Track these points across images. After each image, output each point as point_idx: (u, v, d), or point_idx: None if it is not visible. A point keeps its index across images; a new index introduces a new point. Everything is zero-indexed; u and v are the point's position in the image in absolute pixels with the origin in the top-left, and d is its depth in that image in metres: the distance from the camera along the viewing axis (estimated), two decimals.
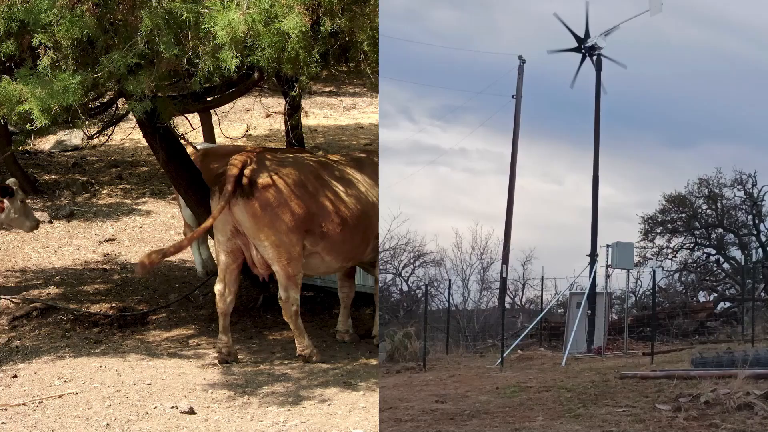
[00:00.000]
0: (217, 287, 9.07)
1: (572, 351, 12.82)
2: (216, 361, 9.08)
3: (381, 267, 16.24)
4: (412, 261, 17.92)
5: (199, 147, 12.46)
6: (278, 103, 12.96)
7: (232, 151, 11.44)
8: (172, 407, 7.86)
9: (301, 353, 9.11)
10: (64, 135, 18.25)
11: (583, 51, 14.62)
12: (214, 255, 10.26)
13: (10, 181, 11.48)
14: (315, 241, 8.99)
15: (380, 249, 16.17)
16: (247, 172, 8.77)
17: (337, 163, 9.47)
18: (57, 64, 7.70)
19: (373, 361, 9.19)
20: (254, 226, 8.76)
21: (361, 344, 9.74)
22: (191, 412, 7.74)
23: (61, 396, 8.23)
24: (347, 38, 8.03)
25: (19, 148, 15.75)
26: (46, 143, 18.62)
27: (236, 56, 7.35)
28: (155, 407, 7.91)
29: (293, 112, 12.49)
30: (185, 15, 7.28)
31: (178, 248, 9.13)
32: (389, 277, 17.64)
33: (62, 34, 7.47)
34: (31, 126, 7.91)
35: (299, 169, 8.99)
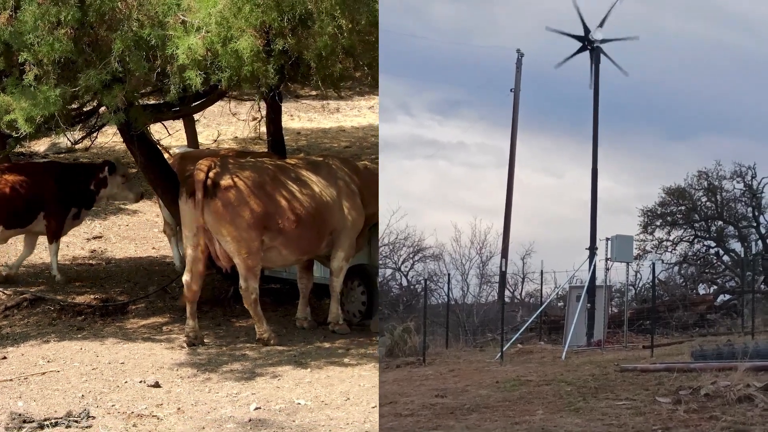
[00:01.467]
0: (185, 278, 10.31)
1: (572, 344, 12.99)
2: (184, 344, 10.32)
3: (380, 262, 16.41)
4: (411, 255, 18.10)
5: (177, 150, 13.77)
6: (263, 107, 14.10)
7: (207, 154, 12.74)
8: (140, 381, 9.10)
9: (260, 337, 10.34)
10: (59, 138, 19.48)
11: (585, 44, 14.84)
12: None
13: (114, 158, 12.98)
14: (273, 236, 10.23)
15: (379, 244, 16.20)
16: (210, 174, 10.02)
17: (294, 166, 10.71)
18: (41, 79, 8.97)
19: (326, 345, 10.41)
20: (217, 223, 10.01)
21: (318, 330, 10.97)
22: (156, 385, 8.98)
23: (44, 373, 9.48)
24: (296, 55, 9.22)
25: (14, 150, 17.01)
26: (41, 145, 19.87)
27: (200, 75, 8.61)
28: (125, 382, 9.15)
29: (274, 116, 13.74)
30: (153, 41, 8.53)
31: None
32: (388, 271, 17.81)
33: (43, 54, 8.72)
34: (17, 133, 9.19)
35: (258, 172, 10.24)
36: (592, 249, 14.00)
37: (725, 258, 17.81)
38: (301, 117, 21.94)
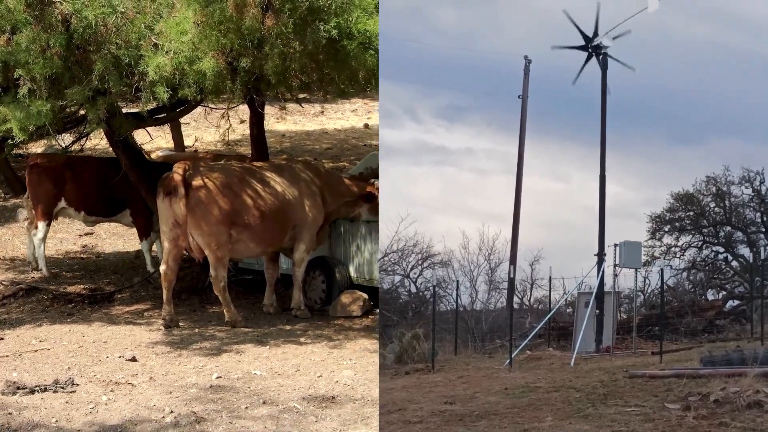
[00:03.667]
0: (162, 267, 11.93)
1: (581, 351, 13.18)
2: (162, 326, 11.94)
3: (388, 269, 17.61)
4: (419, 262, 18.63)
5: (160, 154, 15.43)
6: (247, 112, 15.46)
7: (186, 157, 14.40)
8: (119, 357, 10.73)
9: (228, 320, 11.96)
10: (52, 141, 21.07)
11: (589, 50, 15.20)
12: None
13: None
14: (239, 230, 11.83)
15: (387, 251, 17.51)
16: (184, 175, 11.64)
17: (260, 168, 12.33)
18: (34, 93, 10.59)
19: (288, 327, 12.02)
20: (189, 219, 11.62)
21: (282, 315, 12.59)
22: (133, 359, 10.60)
23: (36, 351, 11.10)
24: (258, 72, 10.81)
25: (12, 152, 18.65)
26: (38, 147, 21.50)
27: (167, 91, 10.22)
28: (107, 357, 10.78)
29: (256, 120, 15.32)
30: (127, 60, 10.15)
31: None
32: (397, 278, 18.35)
33: (37, 71, 10.35)
34: (12, 140, 10.83)
35: (226, 173, 11.87)
36: (601, 255, 14.36)
37: (734, 263, 18.18)
38: (287, 120, 23.52)
